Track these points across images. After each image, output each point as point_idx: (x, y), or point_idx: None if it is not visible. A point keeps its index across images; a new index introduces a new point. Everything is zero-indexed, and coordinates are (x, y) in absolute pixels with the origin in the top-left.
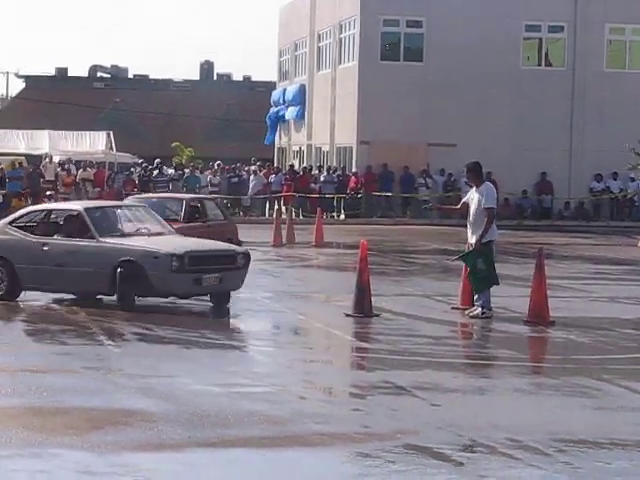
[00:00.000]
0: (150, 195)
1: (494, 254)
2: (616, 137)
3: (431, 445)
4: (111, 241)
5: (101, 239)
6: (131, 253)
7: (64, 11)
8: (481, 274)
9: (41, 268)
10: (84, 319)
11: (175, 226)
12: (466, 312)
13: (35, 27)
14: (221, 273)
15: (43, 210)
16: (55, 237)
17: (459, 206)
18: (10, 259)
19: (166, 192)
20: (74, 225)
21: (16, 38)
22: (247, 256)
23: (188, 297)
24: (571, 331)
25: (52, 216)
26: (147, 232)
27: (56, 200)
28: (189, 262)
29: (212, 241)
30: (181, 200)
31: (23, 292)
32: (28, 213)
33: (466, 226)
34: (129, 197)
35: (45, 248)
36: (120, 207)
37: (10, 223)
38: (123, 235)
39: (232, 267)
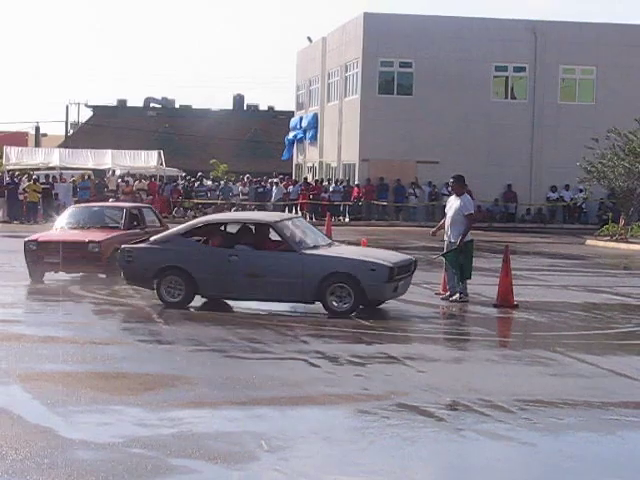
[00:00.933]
0: (91, 204)
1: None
2: (567, 156)
3: (418, 404)
4: (313, 253)
5: (303, 251)
6: (343, 265)
7: (124, 51)
8: (463, 267)
9: (228, 278)
10: (139, 303)
11: (115, 233)
12: (450, 298)
13: (99, 65)
14: (405, 280)
15: (220, 222)
16: (240, 248)
17: (442, 221)
18: (188, 269)
19: (204, 199)
20: (259, 236)
21: (83, 73)
22: (416, 263)
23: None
24: (531, 312)
25: (227, 227)
26: (325, 243)
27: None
28: (397, 272)
29: (393, 251)
30: (122, 209)
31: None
32: (203, 224)
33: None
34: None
35: (233, 258)
36: (290, 219)
37: (183, 234)
38: (315, 247)
39: (410, 273)
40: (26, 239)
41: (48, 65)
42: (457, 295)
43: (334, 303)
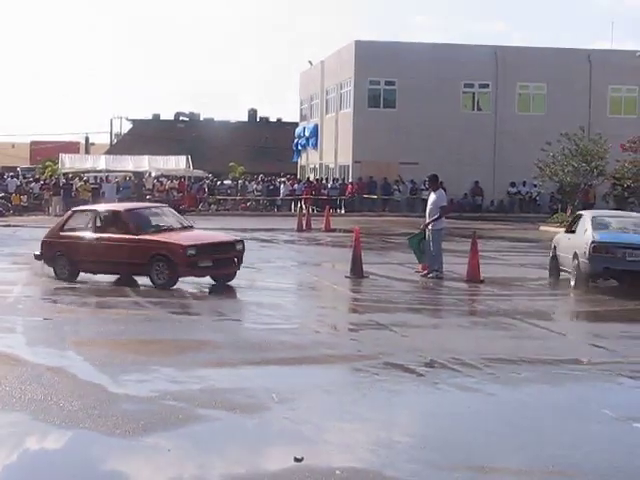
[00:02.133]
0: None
1: (442, 238)
2: (524, 157)
3: (402, 363)
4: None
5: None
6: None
7: (157, 72)
8: (427, 252)
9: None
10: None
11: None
12: (428, 275)
13: (137, 83)
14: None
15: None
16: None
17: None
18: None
19: (225, 196)
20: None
21: (124, 91)
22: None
23: None
24: (495, 286)
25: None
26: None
27: (153, 201)
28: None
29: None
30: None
31: None
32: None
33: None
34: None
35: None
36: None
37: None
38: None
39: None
40: (182, 244)
41: (95, 84)
42: (434, 272)
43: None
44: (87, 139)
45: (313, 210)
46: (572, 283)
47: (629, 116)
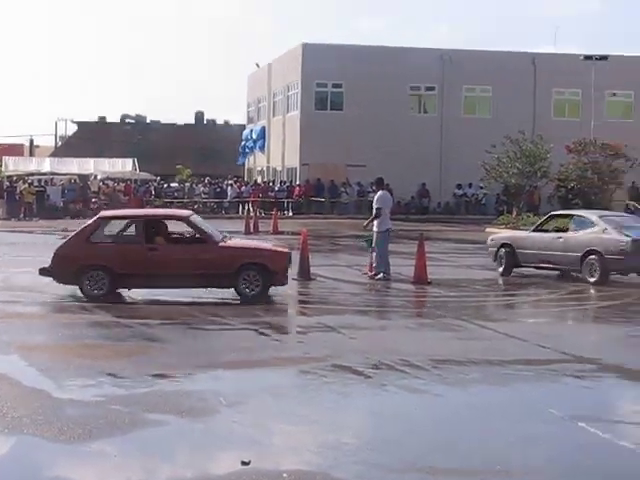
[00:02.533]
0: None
1: (389, 239)
2: (470, 159)
3: (349, 365)
4: None
5: None
6: None
7: (102, 74)
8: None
9: None
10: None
11: None
12: (375, 277)
13: (82, 85)
14: None
15: None
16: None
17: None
18: None
19: (172, 198)
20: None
21: (69, 93)
22: None
23: None
24: (442, 288)
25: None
26: None
27: (99, 204)
28: None
29: None
30: None
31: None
32: None
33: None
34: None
35: None
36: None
37: None
38: None
39: None
40: (284, 251)
41: (39, 86)
42: (381, 274)
43: None
44: (31, 141)
45: (261, 213)
46: (592, 279)
47: (573, 119)
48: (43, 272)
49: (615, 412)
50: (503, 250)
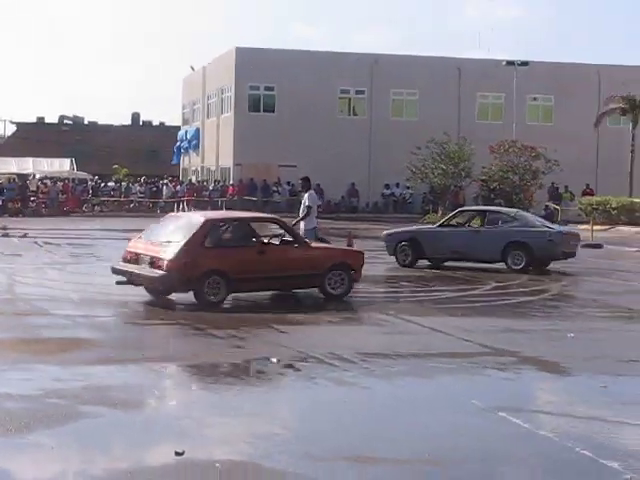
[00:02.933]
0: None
1: (316, 236)
2: (397, 160)
3: (280, 358)
4: None
5: None
6: None
7: (41, 74)
8: None
9: None
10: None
11: None
12: None
13: (21, 86)
14: None
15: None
16: None
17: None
18: None
19: (108, 197)
20: None
21: (7, 94)
22: None
23: None
24: (370, 284)
25: None
26: None
27: (38, 203)
28: None
29: None
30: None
31: None
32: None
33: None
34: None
35: None
36: None
37: None
38: None
39: None
40: (361, 250)
41: None
42: None
43: None
44: None
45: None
46: (517, 267)
47: (495, 122)
48: (155, 281)
49: (534, 402)
50: (407, 244)
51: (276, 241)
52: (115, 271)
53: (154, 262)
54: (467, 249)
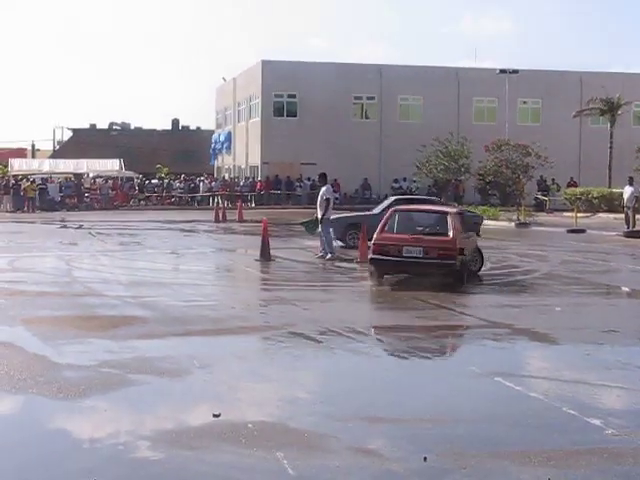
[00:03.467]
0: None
1: (330, 224)
2: (404, 157)
3: (303, 332)
4: None
5: None
6: None
7: (94, 85)
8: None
9: None
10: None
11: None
12: (322, 256)
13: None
14: None
15: None
16: None
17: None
18: None
19: (152, 193)
20: None
21: (65, 103)
22: None
23: None
24: None
25: None
26: None
27: (91, 199)
28: None
29: None
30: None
31: None
32: None
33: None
34: None
35: None
36: None
37: None
38: None
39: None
40: None
41: (39, 97)
42: (329, 255)
43: None
44: (33, 146)
45: (228, 204)
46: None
47: (490, 123)
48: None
49: (525, 368)
50: (352, 230)
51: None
52: (377, 262)
53: (435, 251)
54: None
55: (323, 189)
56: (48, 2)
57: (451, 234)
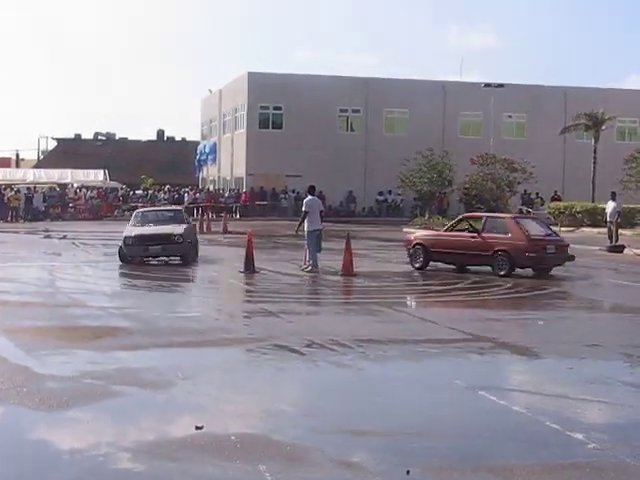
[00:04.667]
0: None
1: (318, 238)
2: (389, 170)
3: (287, 344)
4: None
5: None
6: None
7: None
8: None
9: None
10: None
11: None
12: (302, 268)
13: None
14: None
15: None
16: None
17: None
18: None
19: (137, 203)
20: None
21: (50, 113)
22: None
23: None
24: (366, 279)
25: None
26: None
27: (75, 209)
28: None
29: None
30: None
31: None
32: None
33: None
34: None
35: None
36: None
37: None
38: None
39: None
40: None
41: (24, 107)
42: (309, 267)
43: None
44: (17, 155)
45: (213, 216)
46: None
47: (475, 137)
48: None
49: (509, 382)
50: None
51: None
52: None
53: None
54: None
55: (304, 201)
56: (34, 11)
57: (525, 235)
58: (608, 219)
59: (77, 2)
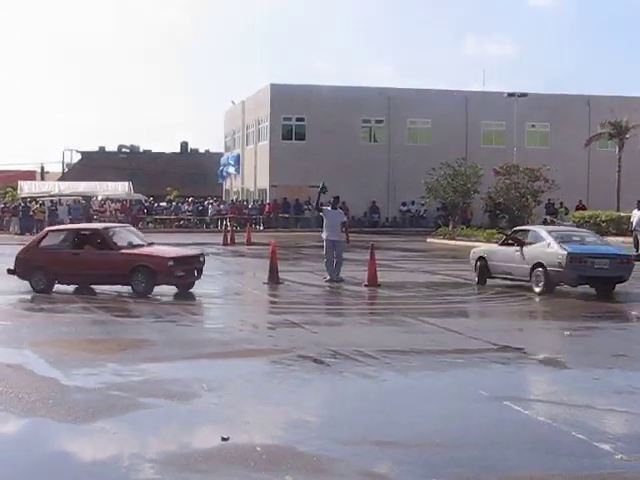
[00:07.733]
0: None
1: (333, 249)
2: (412, 180)
3: (312, 355)
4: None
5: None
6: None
7: (103, 110)
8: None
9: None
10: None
11: None
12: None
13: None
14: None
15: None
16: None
17: None
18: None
19: (161, 215)
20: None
21: (75, 126)
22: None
23: None
24: (390, 289)
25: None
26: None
27: (101, 221)
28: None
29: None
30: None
31: None
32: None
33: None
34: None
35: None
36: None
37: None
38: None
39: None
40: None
41: (49, 121)
42: (327, 277)
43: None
44: (42, 168)
45: (236, 227)
46: (537, 289)
47: (498, 146)
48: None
49: (534, 392)
50: (479, 263)
51: None
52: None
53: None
54: None
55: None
56: (60, 26)
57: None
58: (634, 228)
59: (103, 17)
